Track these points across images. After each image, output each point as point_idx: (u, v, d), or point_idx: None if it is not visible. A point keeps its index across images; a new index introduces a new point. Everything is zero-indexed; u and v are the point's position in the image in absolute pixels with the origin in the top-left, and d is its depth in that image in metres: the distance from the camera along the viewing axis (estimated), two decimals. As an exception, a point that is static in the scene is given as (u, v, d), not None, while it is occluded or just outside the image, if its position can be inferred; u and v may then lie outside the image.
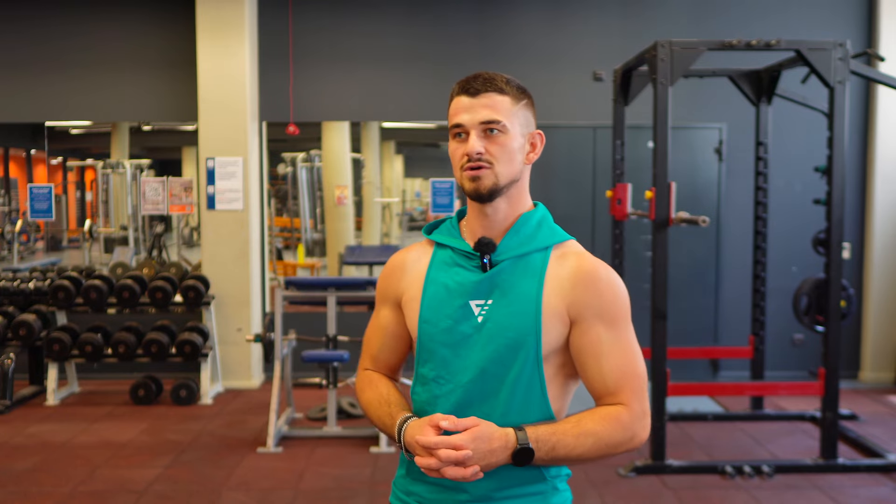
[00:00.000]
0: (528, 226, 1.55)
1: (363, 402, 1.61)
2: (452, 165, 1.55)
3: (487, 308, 1.49)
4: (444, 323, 1.50)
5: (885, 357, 6.11)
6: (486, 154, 1.49)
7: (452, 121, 1.54)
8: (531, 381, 1.47)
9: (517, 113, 1.55)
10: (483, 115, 1.50)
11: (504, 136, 1.51)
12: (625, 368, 1.49)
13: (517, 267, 1.50)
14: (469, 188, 1.50)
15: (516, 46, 6.11)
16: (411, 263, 1.60)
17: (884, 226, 6.05)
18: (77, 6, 6.14)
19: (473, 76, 1.54)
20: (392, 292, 1.61)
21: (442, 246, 1.58)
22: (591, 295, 1.48)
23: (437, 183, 6.14)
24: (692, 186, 5.97)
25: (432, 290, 1.53)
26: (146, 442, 4.79)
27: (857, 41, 5.93)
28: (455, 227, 1.60)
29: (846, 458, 4.31)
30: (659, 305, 4.17)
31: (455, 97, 1.56)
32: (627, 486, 4.08)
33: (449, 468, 1.35)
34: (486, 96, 1.52)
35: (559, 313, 1.47)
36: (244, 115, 5.89)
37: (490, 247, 1.50)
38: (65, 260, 7.04)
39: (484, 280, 1.50)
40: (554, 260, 1.52)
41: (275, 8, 6.03)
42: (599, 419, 1.47)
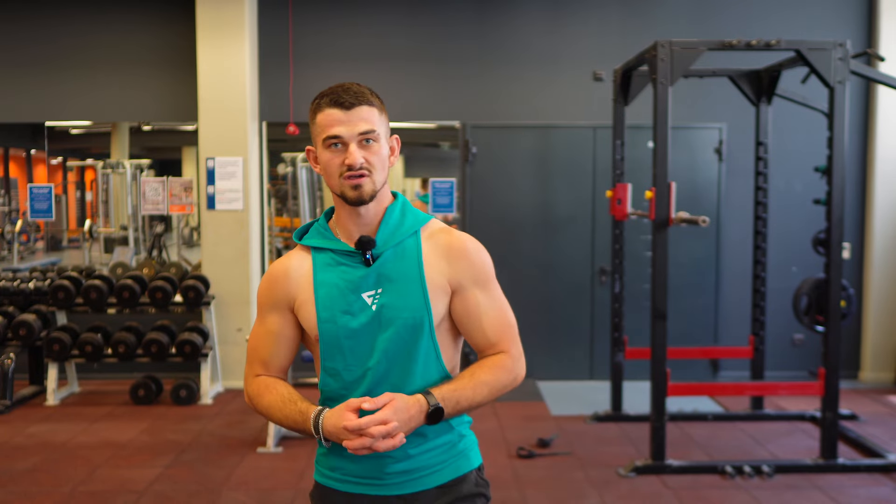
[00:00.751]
0: (394, 216, 1.70)
1: (263, 406, 1.71)
2: (325, 173, 1.66)
3: (379, 296, 1.65)
4: (342, 318, 1.65)
5: (885, 357, 6.11)
6: (365, 163, 1.63)
7: (326, 133, 1.63)
8: (427, 350, 1.66)
9: (382, 121, 1.68)
10: (361, 127, 1.62)
11: (377, 144, 1.65)
12: (501, 321, 1.71)
13: (396, 255, 1.67)
14: (352, 196, 1.63)
15: (516, 47, 6.11)
16: (294, 270, 1.72)
17: (884, 226, 6.05)
18: (77, 6, 6.15)
19: (341, 88, 1.64)
20: (280, 298, 1.72)
21: (319, 249, 1.71)
22: (465, 265, 1.68)
23: (437, 183, 6.13)
24: (692, 186, 5.97)
25: (324, 291, 1.67)
26: (146, 442, 4.79)
27: (857, 41, 5.94)
28: (326, 229, 1.73)
29: (846, 458, 4.31)
30: (659, 305, 4.17)
31: (324, 109, 1.64)
32: (627, 486, 4.08)
33: (380, 441, 1.52)
34: (360, 109, 1.63)
35: (442, 286, 1.67)
36: (244, 115, 5.89)
37: (371, 244, 1.66)
38: (65, 260, 7.03)
39: (370, 273, 1.66)
40: (425, 241, 1.70)
41: (275, 8, 6.03)
42: (489, 369, 1.68)
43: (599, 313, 6.12)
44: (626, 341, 5.23)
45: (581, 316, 6.18)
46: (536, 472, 4.28)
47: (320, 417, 1.59)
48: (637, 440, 4.75)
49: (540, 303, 6.12)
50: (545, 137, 6.16)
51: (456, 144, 6.24)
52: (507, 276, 6.07)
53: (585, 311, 6.18)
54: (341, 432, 1.54)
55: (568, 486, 4.07)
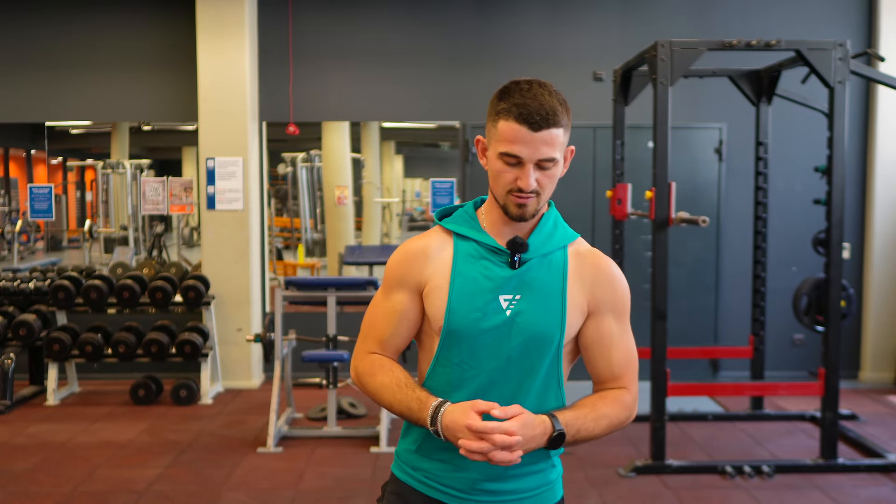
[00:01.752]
0: (547, 226, 1.64)
1: (375, 386, 1.62)
2: (493, 180, 1.57)
3: (516, 303, 1.57)
4: (473, 315, 1.57)
5: (885, 357, 6.11)
6: (537, 187, 1.54)
7: (506, 148, 1.51)
8: (551, 368, 1.60)
9: (565, 140, 1.57)
10: (543, 153, 1.51)
11: (555, 168, 1.56)
12: (628, 356, 1.66)
13: (542, 265, 1.60)
14: (515, 213, 1.56)
15: (516, 47, 6.11)
16: (434, 252, 1.62)
17: (884, 226, 6.05)
18: (77, 6, 6.15)
19: (535, 102, 1.49)
20: (413, 278, 1.63)
21: (464, 238, 1.62)
22: (608, 291, 1.63)
23: (437, 183, 6.13)
24: (692, 186, 5.96)
25: (461, 282, 1.58)
26: (146, 442, 4.79)
27: (857, 41, 5.93)
28: (475, 219, 1.64)
29: (846, 458, 4.31)
30: (659, 305, 4.17)
31: (511, 121, 1.50)
32: (627, 486, 4.08)
33: (497, 452, 1.43)
34: (548, 133, 1.51)
35: (580, 307, 1.61)
36: (244, 115, 5.89)
37: (523, 247, 1.58)
38: (65, 260, 7.03)
39: (514, 276, 1.58)
40: (572, 257, 1.64)
41: (275, 8, 6.03)
42: (610, 402, 1.62)
43: (599, 313, 6.11)
44: (626, 341, 5.22)
45: (581, 316, 6.16)
46: (536, 472, 4.28)
47: (441, 409, 1.50)
48: (637, 440, 4.75)
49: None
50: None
51: (456, 144, 6.24)
52: (507, 276, 6.09)
53: (585, 311, 6.17)
54: (462, 430, 1.45)
55: (568, 486, 4.07)
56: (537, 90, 1.51)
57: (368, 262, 6.68)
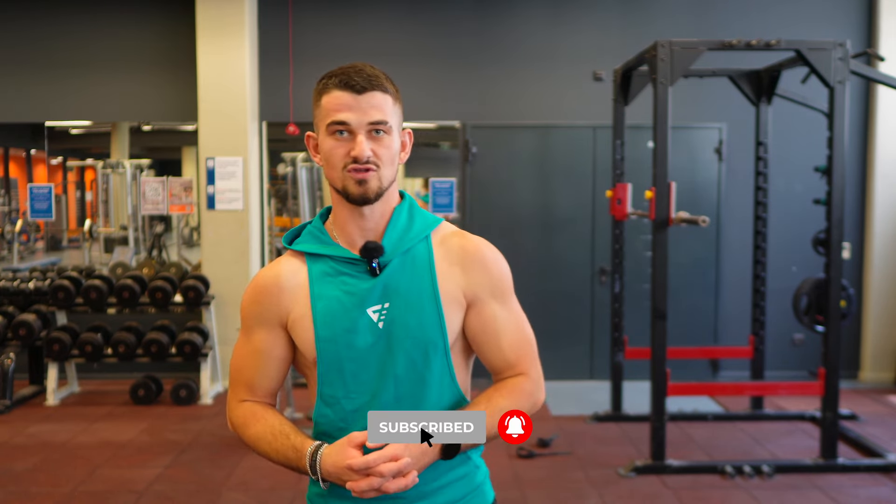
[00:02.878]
0: (402, 219, 1.50)
1: (250, 438, 1.51)
2: (327, 163, 1.45)
3: (386, 312, 1.45)
4: (345, 338, 1.44)
5: (885, 357, 6.11)
6: (373, 157, 1.42)
7: (332, 117, 1.42)
8: (442, 373, 1.47)
9: (396, 112, 1.48)
10: (372, 116, 1.42)
11: (388, 137, 1.44)
12: (520, 339, 1.53)
13: (405, 263, 1.47)
14: (356, 192, 1.42)
15: (516, 46, 6.11)
16: (287, 280, 1.49)
17: (884, 226, 6.04)
18: (77, 6, 6.14)
19: (353, 69, 1.43)
20: (271, 314, 1.49)
21: (316, 256, 1.49)
22: (481, 275, 1.49)
23: (437, 183, 6.13)
24: (692, 186, 5.96)
25: (322, 305, 1.45)
26: (146, 442, 4.79)
27: (857, 41, 5.93)
28: (323, 232, 1.51)
29: (846, 458, 4.31)
30: (659, 305, 4.17)
31: (332, 90, 1.42)
32: (627, 486, 4.08)
33: (390, 482, 1.32)
34: (373, 95, 1.42)
35: (457, 299, 1.48)
36: (244, 115, 5.89)
37: (378, 250, 1.45)
38: (65, 260, 7.03)
39: (376, 284, 1.45)
40: (436, 247, 1.50)
41: (275, 8, 6.03)
42: (508, 393, 1.49)
43: (599, 313, 6.12)
44: (626, 341, 5.23)
45: (581, 316, 6.18)
46: (536, 472, 4.28)
47: (318, 454, 1.39)
48: (637, 440, 4.75)
49: (540, 303, 6.11)
50: (545, 137, 6.16)
51: (456, 144, 6.24)
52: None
53: (585, 311, 6.18)
54: (344, 472, 1.35)
55: (568, 486, 4.07)
56: (357, 64, 1.46)
57: (368, 262, 6.67)
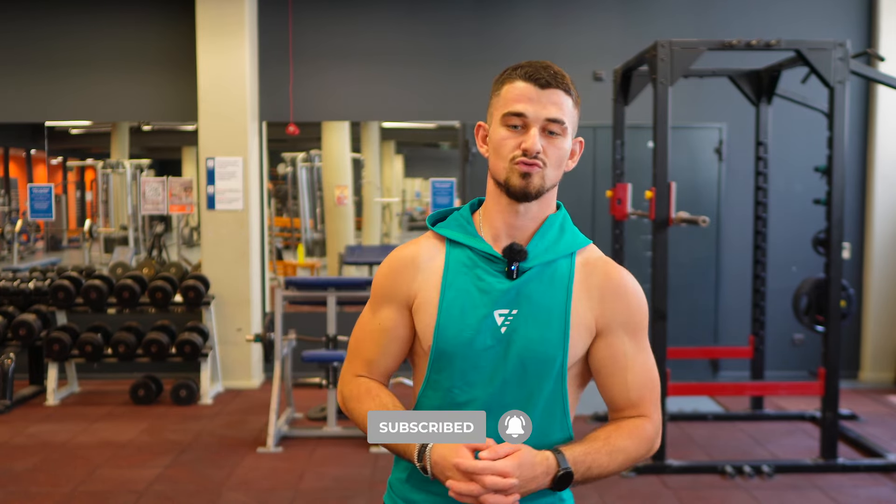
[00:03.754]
0: (553, 230, 1.46)
1: (361, 413, 1.45)
2: (494, 153, 1.42)
3: (512, 318, 1.41)
4: (466, 333, 1.41)
5: (885, 357, 6.11)
6: (542, 154, 1.39)
7: (510, 108, 1.39)
8: (554, 394, 1.42)
9: (574, 116, 1.44)
10: (550, 112, 1.38)
11: (562, 138, 1.41)
12: (646, 380, 1.47)
13: (544, 275, 1.43)
14: (517, 184, 1.38)
15: (516, 46, 6.11)
16: (424, 262, 1.47)
17: (884, 226, 6.05)
18: (77, 6, 6.14)
19: (541, 64, 1.41)
20: (401, 292, 1.47)
21: (456, 244, 1.46)
22: (620, 307, 1.44)
23: (437, 183, 6.13)
24: (692, 186, 5.96)
25: (451, 296, 1.42)
26: (146, 442, 4.79)
27: (857, 41, 5.93)
28: (470, 223, 1.48)
29: (846, 458, 4.31)
30: (659, 305, 4.17)
31: (514, 81, 1.41)
32: (627, 486, 4.08)
33: (490, 496, 1.27)
34: (555, 92, 1.40)
35: (587, 324, 1.43)
36: (244, 115, 5.89)
37: (521, 255, 1.41)
38: (65, 260, 7.03)
39: (511, 289, 1.41)
40: (579, 267, 1.45)
41: (275, 8, 6.03)
42: (628, 435, 1.44)
43: (599, 313, 6.11)
44: (626, 341, 5.22)
45: (581, 316, 6.17)
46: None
47: (429, 445, 1.34)
48: (637, 440, 4.74)
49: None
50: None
51: (456, 144, 6.24)
52: (507, 276, 6.09)
53: (585, 311, 6.17)
54: (450, 469, 1.29)
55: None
56: (546, 61, 1.45)
57: (368, 261, 6.68)
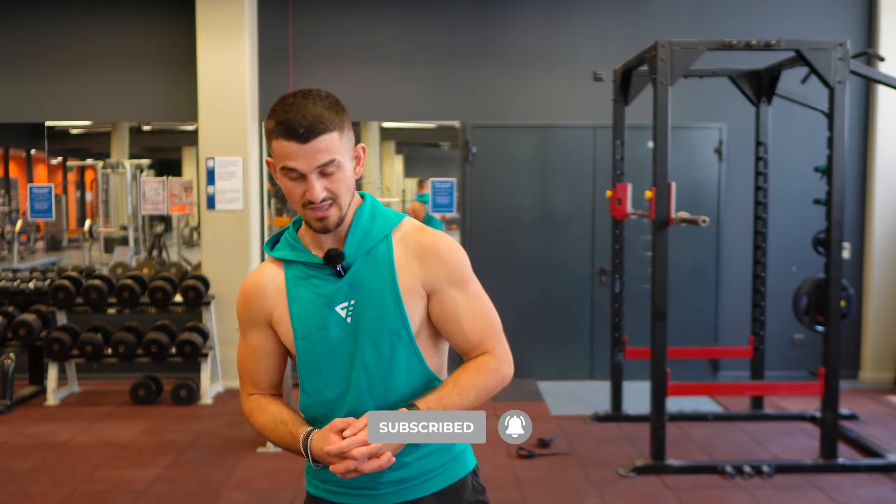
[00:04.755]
0: (363, 221, 1.62)
1: (258, 428, 1.67)
2: (290, 198, 1.56)
3: (353, 308, 1.59)
4: (318, 334, 1.59)
5: (885, 357, 6.11)
6: (327, 194, 1.53)
7: (282, 163, 1.51)
8: (409, 358, 1.60)
9: (344, 141, 1.54)
10: (319, 160, 1.49)
11: (340, 170, 1.53)
12: (482, 322, 1.64)
13: (367, 262, 1.60)
14: (318, 227, 1.56)
15: (516, 46, 6.11)
16: (266, 284, 1.66)
17: (884, 226, 6.04)
18: (77, 6, 6.14)
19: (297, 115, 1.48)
20: (258, 314, 1.67)
21: (290, 262, 1.64)
22: (438, 266, 1.60)
23: (437, 183, 6.13)
24: (692, 186, 5.96)
25: (297, 307, 1.61)
26: (146, 442, 4.79)
27: (857, 41, 5.93)
28: (296, 240, 1.65)
29: (846, 458, 4.31)
30: (659, 305, 4.17)
31: (280, 139, 1.50)
32: (627, 485, 4.08)
33: (366, 463, 1.46)
34: (318, 140, 1.49)
35: (416, 290, 1.60)
36: (244, 115, 5.89)
37: (339, 257, 1.58)
38: (65, 260, 7.04)
39: (342, 285, 1.59)
40: (396, 244, 1.62)
41: (275, 8, 6.03)
42: (473, 372, 1.61)
43: (599, 313, 6.12)
44: (626, 341, 5.23)
45: (581, 316, 6.17)
46: (536, 472, 4.28)
47: (308, 440, 1.54)
48: (637, 440, 4.75)
49: (540, 303, 6.12)
50: (545, 137, 6.16)
51: (456, 144, 6.24)
52: (506, 276, 6.09)
53: (585, 311, 6.18)
54: (325, 456, 1.50)
55: (568, 486, 4.07)
56: (300, 102, 1.51)
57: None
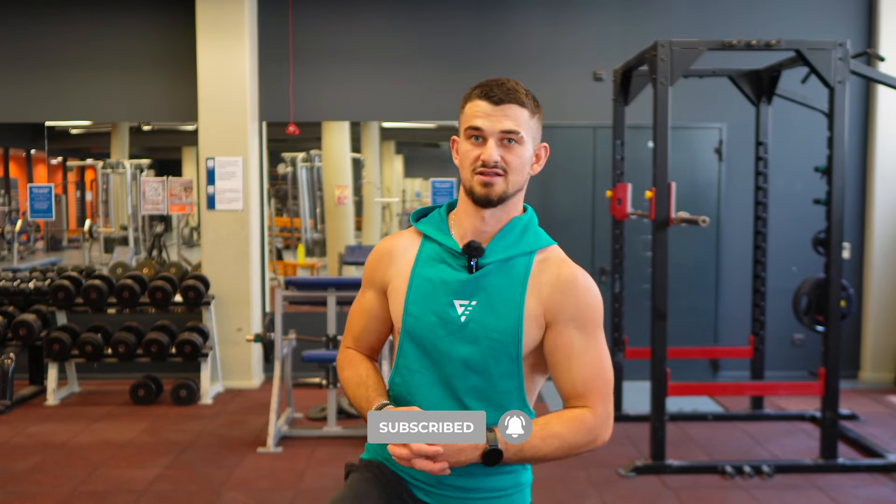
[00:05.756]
0: (515, 230, 1.62)
1: (343, 380, 1.71)
2: (461, 165, 1.59)
3: (471, 309, 1.57)
4: (428, 318, 1.58)
5: (885, 357, 6.11)
6: (501, 162, 1.55)
7: (470, 123, 1.56)
8: (510, 379, 1.57)
9: (532, 125, 1.60)
10: (504, 125, 1.54)
11: (520, 146, 1.57)
12: (593, 372, 1.57)
13: (502, 271, 1.58)
14: (480, 193, 1.55)
15: (516, 46, 6.11)
16: (399, 252, 1.66)
17: (884, 226, 6.04)
18: (77, 6, 6.14)
19: (496, 82, 1.57)
20: (379, 278, 1.68)
21: (430, 239, 1.65)
22: (567, 299, 1.57)
23: (437, 183, 6.14)
24: (692, 186, 5.97)
25: (418, 284, 1.60)
26: (146, 442, 4.79)
27: (857, 41, 5.93)
28: (444, 221, 1.66)
29: (846, 458, 4.31)
30: (659, 305, 4.17)
31: (474, 100, 1.58)
32: (627, 486, 4.08)
33: (418, 460, 1.45)
34: (509, 107, 1.55)
35: (537, 317, 1.57)
36: (244, 115, 5.89)
37: (478, 251, 1.58)
38: (65, 260, 7.04)
39: (469, 281, 1.58)
40: (536, 265, 1.60)
41: (275, 8, 6.03)
42: (565, 421, 1.55)
43: (599, 313, 6.11)
44: (626, 341, 5.23)
45: (581, 316, 6.16)
46: (536, 471, 4.27)
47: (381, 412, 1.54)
48: (637, 440, 4.75)
49: (540, 303, 6.11)
50: (545, 137, 6.10)
51: (456, 144, 6.24)
52: (507, 276, 6.09)
53: (585, 311, 6.17)
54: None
55: (568, 486, 4.07)
56: (503, 78, 1.59)
57: (368, 262, 6.67)
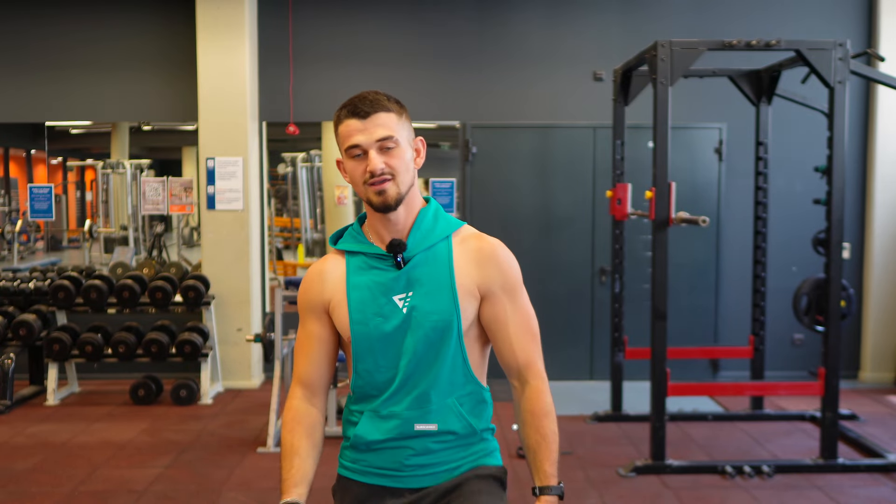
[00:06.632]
0: (426, 220, 1.75)
1: (282, 440, 1.80)
2: (352, 182, 1.70)
3: (409, 299, 1.70)
4: (374, 321, 1.70)
5: (885, 357, 6.11)
6: (386, 168, 1.66)
7: (347, 143, 1.67)
8: (455, 353, 1.70)
9: (402, 126, 1.71)
10: (378, 134, 1.65)
11: (399, 149, 1.68)
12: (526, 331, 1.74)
13: (427, 258, 1.72)
14: (377, 202, 1.67)
15: (516, 46, 6.11)
16: (329, 272, 1.77)
17: (884, 226, 6.04)
18: (77, 6, 6.14)
19: (358, 98, 1.68)
20: (317, 300, 1.77)
21: (352, 253, 1.77)
22: (493, 270, 1.72)
23: (436, 183, 6.13)
24: (692, 186, 5.97)
25: (356, 294, 1.72)
26: (146, 442, 4.79)
27: (857, 41, 5.93)
28: (360, 233, 1.79)
29: (846, 458, 4.31)
30: (659, 305, 4.16)
31: (344, 120, 1.68)
32: (627, 486, 4.08)
33: None
34: (377, 116, 1.66)
35: (471, 291, 1.71)
36: (244, 115, 5.89)
37: (401, 247, 1.70)
38: (65, 260, 7.03)
39: (401, 276, 1.71)
40: (456, 245, 1.74)
41: (275, 8, 6.03)
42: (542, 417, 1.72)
43: (599, 313, 6.12)
44: (626, 341, 5.23)
45: (581, 316, 6.18)
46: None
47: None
48: (637, 440, 4.75)
49: (540, 303, 6.06)
50: (545, 137, 6.16)
51: (456, 144, 6.24)
52: (507, 276, 6.09)
53: (585, 311, 6.18)
54: None
55: (568, 486, 4.07)
56: (363, 92, 1.70)
57: (368, 262, 6.68)
